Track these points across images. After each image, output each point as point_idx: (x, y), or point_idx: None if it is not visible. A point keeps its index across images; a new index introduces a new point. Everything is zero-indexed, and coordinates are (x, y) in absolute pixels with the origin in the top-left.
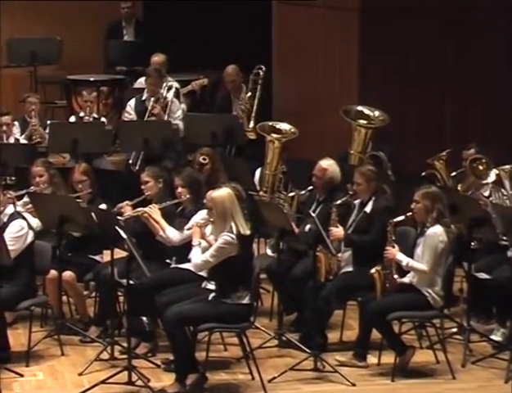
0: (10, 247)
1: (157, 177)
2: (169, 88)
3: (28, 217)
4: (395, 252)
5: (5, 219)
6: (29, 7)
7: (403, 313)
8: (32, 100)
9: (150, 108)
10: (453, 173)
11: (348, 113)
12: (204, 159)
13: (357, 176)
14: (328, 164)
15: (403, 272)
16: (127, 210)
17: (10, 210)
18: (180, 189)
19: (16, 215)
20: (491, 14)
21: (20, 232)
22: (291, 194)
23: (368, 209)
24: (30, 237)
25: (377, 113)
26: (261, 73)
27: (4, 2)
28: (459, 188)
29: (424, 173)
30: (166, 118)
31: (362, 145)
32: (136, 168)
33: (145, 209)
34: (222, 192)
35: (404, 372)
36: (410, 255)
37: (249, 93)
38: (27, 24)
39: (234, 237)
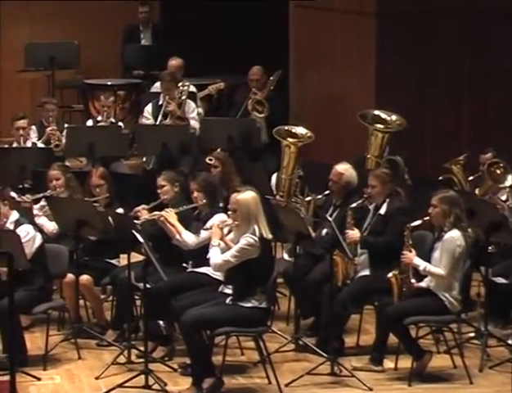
0: None
1: (173, 181)
2: (183, 91)
3: (45, 220)
4: (412, 256)
5: (11, 228)
6: (46, 12)
7: (420, 317)
8: (50, 107)
9: (164, 104)
10: (470, 178)
11: (364, 117)
12: (210, 159)
13: (371, 178)
14: (344, 168)
15: (420, 276)
16: (143, 213)
17: (14, 216)
18: (196, 193)
19: (21, 220)
20: (508, 16)
21: (27, 237)
22: (308, 198)
23: (382, 211)
24: (38, 239)
25: (394, 117)
26: (277, 76)
27: (22, 7)
28: (476, 192)
29: (441, 178)
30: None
31: (379, 149)
32: (150, 167)
33: (162, 213)
34: (247, 195)
35: (421, 376)
36: (428, 259)
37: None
38: (45, 28)
39: (257, 239)
